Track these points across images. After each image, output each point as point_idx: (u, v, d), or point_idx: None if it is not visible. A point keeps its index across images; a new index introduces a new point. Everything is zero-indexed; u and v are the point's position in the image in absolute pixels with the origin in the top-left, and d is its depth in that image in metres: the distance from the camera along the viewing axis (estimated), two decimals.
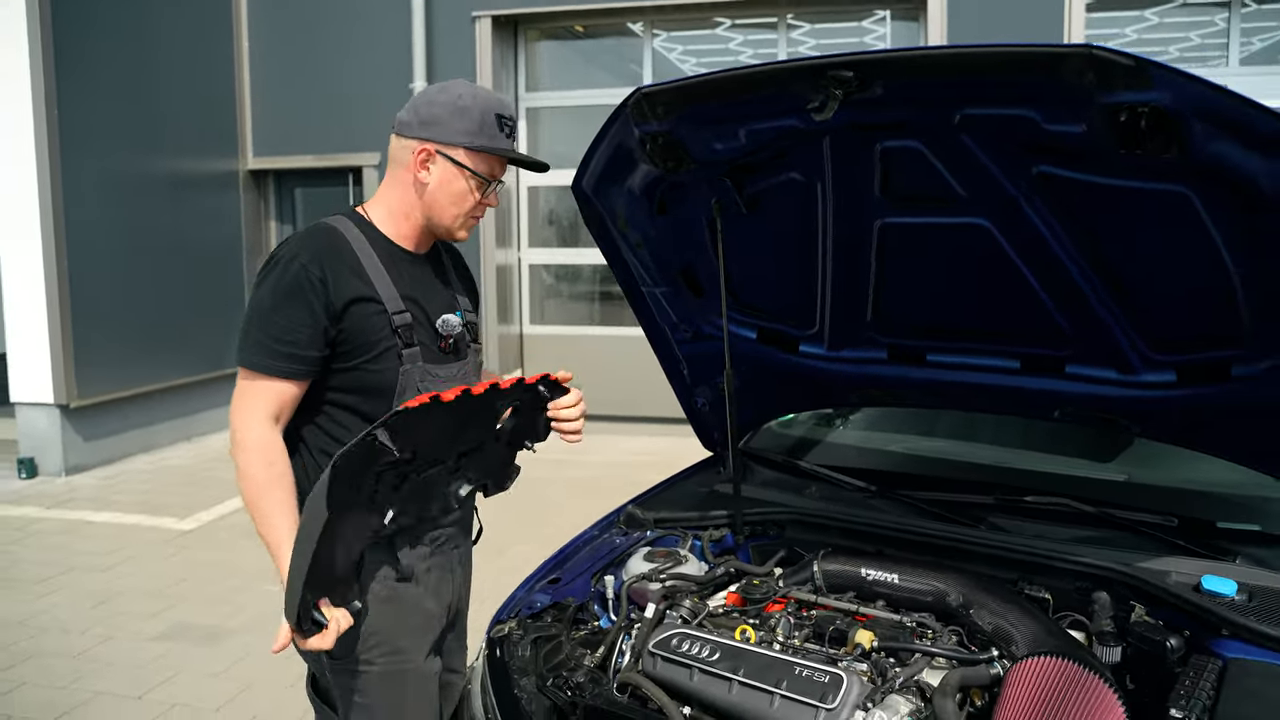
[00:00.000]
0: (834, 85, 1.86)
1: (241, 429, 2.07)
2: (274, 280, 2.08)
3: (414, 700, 2.25)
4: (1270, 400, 2.11)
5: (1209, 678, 1.89)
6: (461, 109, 2.13)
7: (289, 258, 2.08)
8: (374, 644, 2.18)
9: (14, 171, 7.67)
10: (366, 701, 2.20)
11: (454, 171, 2.16)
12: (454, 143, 2.14)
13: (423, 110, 2.16)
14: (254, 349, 2.07)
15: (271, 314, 2.07)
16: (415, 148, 2.16)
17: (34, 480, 7.74)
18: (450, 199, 2.19)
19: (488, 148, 2.16)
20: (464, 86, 2.18)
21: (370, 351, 2.13)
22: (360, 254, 2.14)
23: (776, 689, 2.01)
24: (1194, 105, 1.63)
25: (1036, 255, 2.14)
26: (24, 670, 4.34)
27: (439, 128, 2.14)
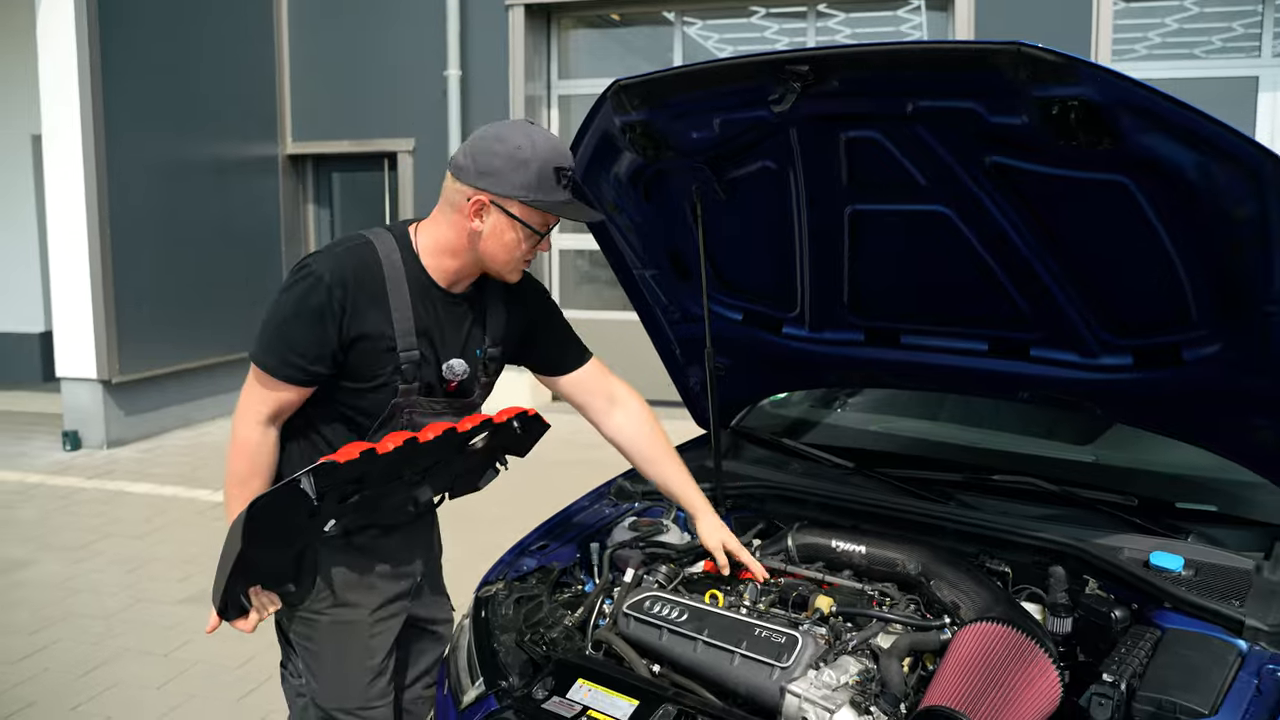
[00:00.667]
0: (792, 79, 1.97)
1: (241, 425, 2.21)
2: (300, 293, 2.13)
3: (357, 648, 2.39)
4: (1218, 382, 2.20)
5: (1145, 646, 1.99)
6: (521, 161, 2.10)
7: (317, 278, 2.12)
8: (324, 596, 2.34)
9: (62, 156, 7.96)
10: (315, 647, 2.37)
11: (507, 223, 2.15)
12: (510, 195, 2.12)
13: (481, 160, 2.12)
14: (267, 350, 2.17)
15: (288, 324, 2.15)
16: (470, 194, 2.14)
17: (77, 452, 8.03)
18: (502, 247, 2.19)
19: (543, 203, 2.13)
20: (524, 135, 2.13)
21: (370, 381, 2.22)
22: (390, 281, 2.18)
23: (737, 649, 2.15)
24: (1119, 99, 1.73)
25: (995, 242, 2.24)
26: (60, 629, 4.58)
27: (495, 179, 2.11)
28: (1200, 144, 1.74)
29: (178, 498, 6.76)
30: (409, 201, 9.75)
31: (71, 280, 8.06)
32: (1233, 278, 1.96)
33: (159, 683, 4.05)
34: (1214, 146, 1.73)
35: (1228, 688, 1.84)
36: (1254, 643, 1.97)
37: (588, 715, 2.07)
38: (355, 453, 2.04)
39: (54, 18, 7.80)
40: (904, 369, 2.74)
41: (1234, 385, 2.18)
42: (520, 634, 2.37)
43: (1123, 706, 1.84)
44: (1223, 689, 1.83)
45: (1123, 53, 8.47)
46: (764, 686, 2.08)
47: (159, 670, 4.16)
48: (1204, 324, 2.13)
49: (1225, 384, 2.20)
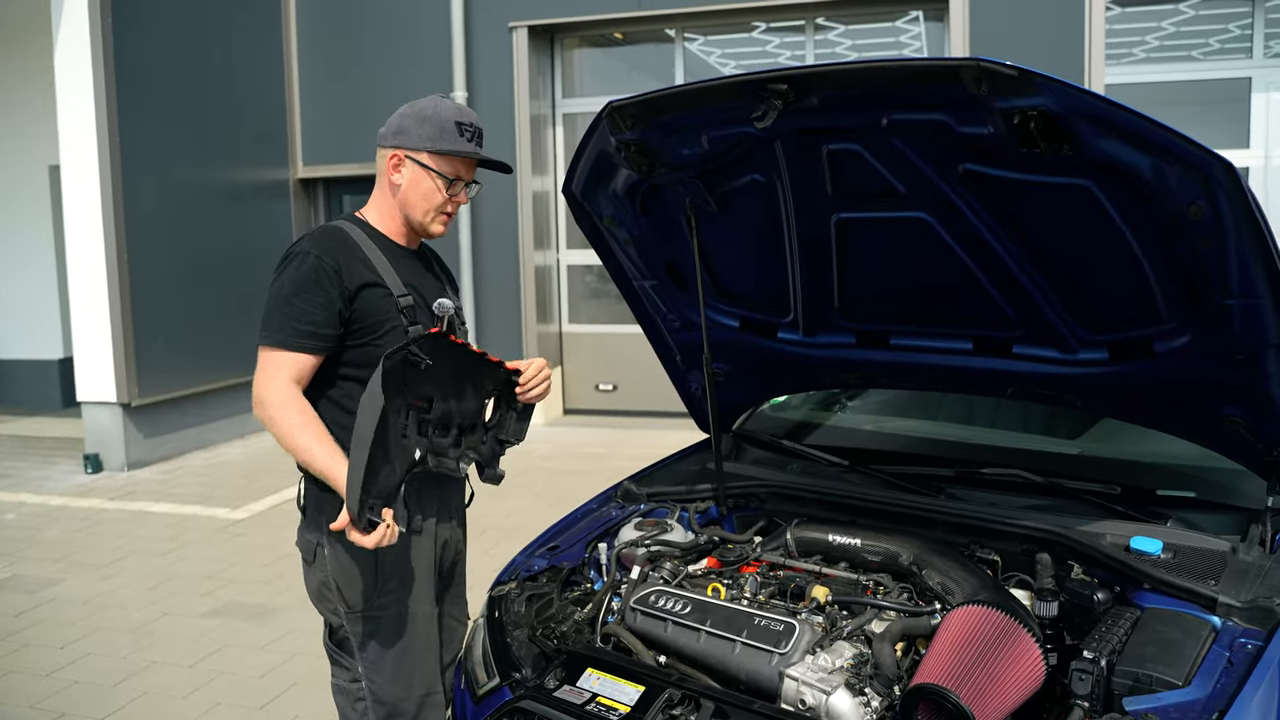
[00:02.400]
0: (773, 97, 2.10)
1: (266, 389, 2.34)
2: (292, 271, 2.37)
3: (421, 642, 2.53)
4: (1189, 374, 2.31)
5: (1124, 624, 2.10)
6: (425, 118, 2.45)
7: (304, 252, 2.37)
8: (390, 589, 2.47)
9: (80, 185, 8.15)
10: (380, 644, 2.48)
11: (420, 173, 2.47)
12: (417, 147, 2.46)
13: (394, 123, 2.49)
14: (276, 330, 2.35)
15: (291, 299, 2.35)
16: (388, 155, 2.48)
17: (99, 475, 8.19)
18: (420, 196, 2.50)
19: (447, 150, 2.46)
20: (430, 101, 2.49)
21: (378, 330, 2.42)
22: (364, 248, 2.45)
23: (738, 637, 2.26)
24: (1074, 108, 1.85)
25: (974, 245, 2.36)
26: (89, 643, 4.71)
27: (405, 135, 2.46)
28: (1153, 148, 1.87)
29: (198, 516, 6.90)
30: None
31: (91, 306, 8.23)
32: (1193, 273, 2.08)
33: (185, 692, 4.17)
34: (1165, 150, 1.85)
35: (1201, 660, 1.95)
36: (1227, 619, 2.07)
37: (597, 701, 2.19)
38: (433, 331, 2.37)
39: (71, 50, 8.00)
40: (894, 369, 2.86)
41: (1204, 376, 2.29)
42: (532, 629, 2.49)
43: (1103, 680, 1.95)
44: (1196, 661, 1.94)
45: (1120, 56, 8.58)
46: (764, 672, 2.20)
47: (185, 681, 4.29)
48: (1172, 318, 2.24)
49: (1196, 375, 2.31)
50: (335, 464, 2.28)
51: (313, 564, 2.51)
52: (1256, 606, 2.06)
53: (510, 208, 9.61)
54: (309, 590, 2.58)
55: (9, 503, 7.40)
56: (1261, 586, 2.12)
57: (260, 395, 2.35)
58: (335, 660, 2.60)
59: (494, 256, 9.74)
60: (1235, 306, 2.06)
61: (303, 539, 2.54)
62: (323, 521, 2.41)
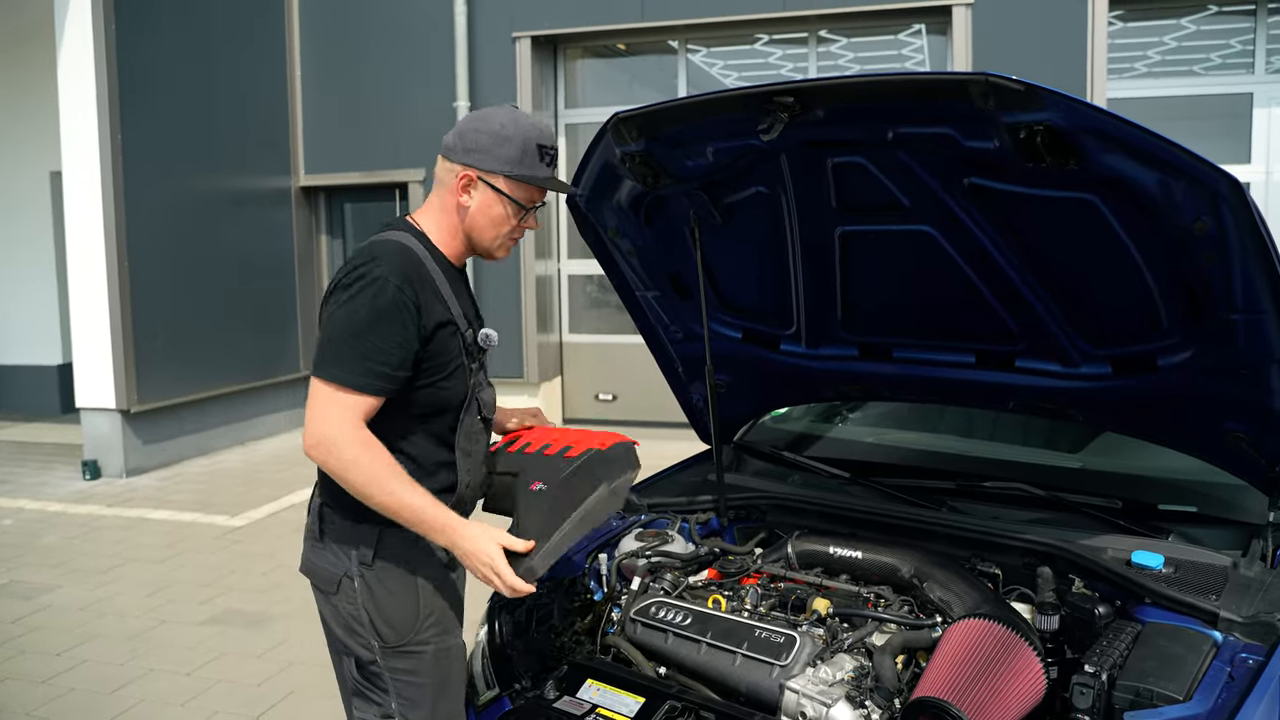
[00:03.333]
0: (779, 109, 2.11)
1: (337, 431, 2.08)
2: (369, 298, 2.10)
3: (457, 675, 2.37)
4: (1192, 388, 2.32)
5: (1125, 638, 2.09)
6: (504, 138, 2.20)
7: (382, 279, 2.11)
8: (430, 624, 2.28)
9: (81, 192, 8.15)
10: (421, 680, 2.27)
11: (493, 197, 2.24)
12: (494, 170, 2.22)
13: (468, 137, 2.23)
14: (346, 365, 2.09)
15: (367, 332, 2.10)
16: (459, 172, 2.23)
17: (97, 481, 8.18)
18: (489, 222, 2.27)
19: (526, 176, 2.23)
20: (507, 115, 2.24)
21: (444, 370, 2.22)
22: (435, 277, 2.22)
23: (738, 649, 2.27)
24: (1081, 124, 1.86)
25: (978, 259, 2.36)
26: (85, 649, 4.70)
27: (481, 155, 2.21)
28: (1159, 163, 1.87)
29: (196, 523, 6.89)
30: None
31: (91, 312, 8.23)
32: (1197, 288, 2.08)
33: (182, 700, 4.16)
34: (1172, 165, 1.86)
35: (1202, 675, 1.95)
36: (1228, 634, 2.07)
37: (597, 713, 2.19)
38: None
39: (73, 57, 8.02)
40: (897, 382, 2.86)
41: (1206, 391, 2.30)
42: (532, 640, 2.49)
43: (1104, 695, 1.95)
44: (1198, 676, 1.94)
45: (1122, 70, 8.60)
46: (764, 684, 2.20)
47: (182, 688, 4.27)
48: (1175, 333, 2.25)
49: (1198, 390, 2.31)
50: (436, 508, 2.12)
51: (334, 594, 2.27)
52: (1258, 621, 2.06)
53: None
54: (331, 621, 2.33)
55: (7, 509, 7.39)
56: (1263, 601, 2.12)
57: (327, 436, 2.08)
58: (364, 694, 2.33)
59: (494, 266, 9.73)
60: (1239, 321, 2.07)
61: (321, 569, 2.30)
62: (352, 554, 2.23)
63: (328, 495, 2.28)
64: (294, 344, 10.24)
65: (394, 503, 2.10)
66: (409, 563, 2.25)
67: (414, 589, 2.26)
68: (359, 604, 2.24)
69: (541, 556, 2.12)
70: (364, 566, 2.23)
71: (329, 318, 2.15)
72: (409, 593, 2.26)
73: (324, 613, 2.34)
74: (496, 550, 2.11)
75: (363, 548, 2.22)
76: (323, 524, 2.30)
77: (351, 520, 2.23)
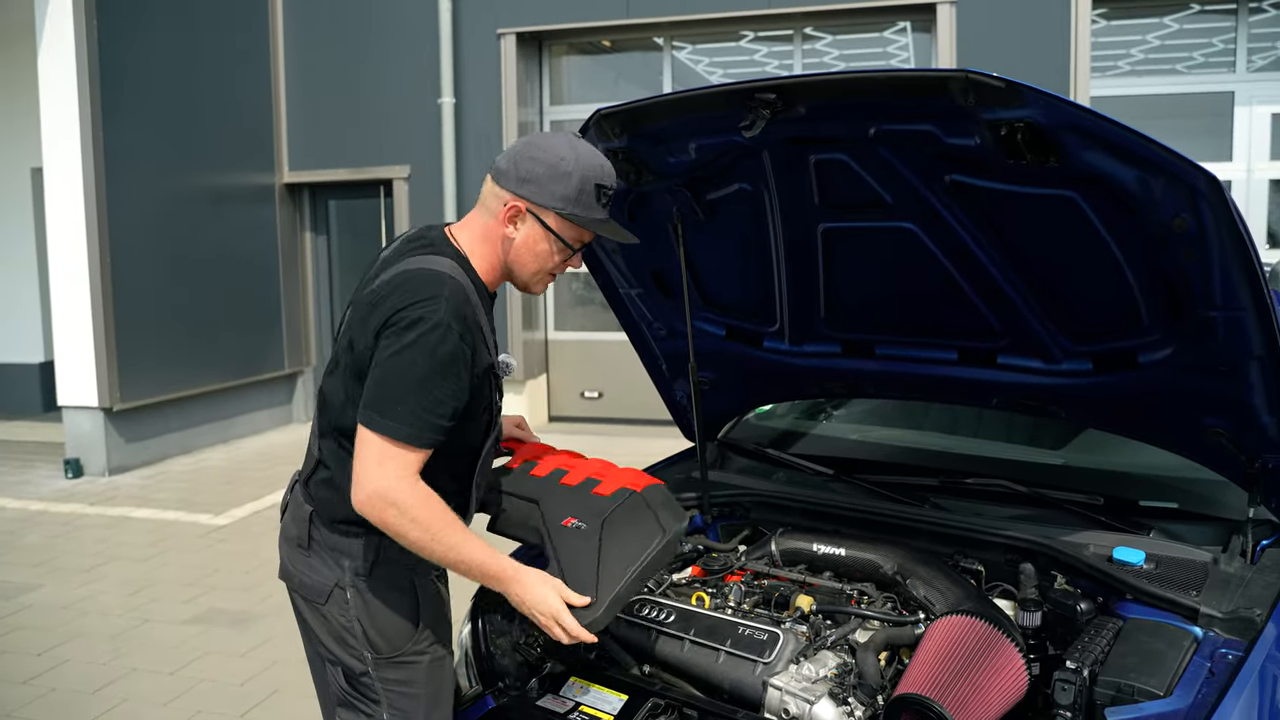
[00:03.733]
0: (761, 106, 2.10)
1: (400, 492, 1.98)
2: (430, 346, 1.97)
3: (449, 684, 2.33)
4: (1172, 385, 2.32)
5: (1107, 634, 2.10)
6: (563, 173, 2.06)
7: (445, 324, 1.98)
8: (425, 635, 2.23)
9: (62, 188, 8.10)
10: (415, 691, 2.22)
11: (541, 233, 2.12)
12: (547, 206, 2.09)
13: (522, 165, 2.09)
14: (405, 419, 1.97)
15: (427, 384, 1.97)
16: (507, 201, 2.10)
17: (79, 480, 8.13)
18: (533, 257, 2.16)
19: (579, 218, 2.10)
20: (568, 146, 2.09)
21: (476, 411, 2.14)
22: (478, 311, 2.10)
23: (722, 646, 2.27)
24: (1061, 121, 1.86)
25: (959, 255, 2.37)
26: (67, 649, 4.68)
27: (534, 187, 2.08)
28: (1138, 160, 1.88)
29: (180, 522, 6.86)
30: (405, 228, 9.87)
31: (72, 309, 8.18)
32: (1177, 285, 2.09)
33: (165, 700, 4.14)
34: (1151, 163, 1.86)
35: (1183, 670, 1.96)
36: (1208, 629, 2.08)
37: (580, 711, 2.19)
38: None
39: (55, 51, 7.96)
40: (880, 378, 2.86)
41: (1186, 387, 2.30)
42: (515, 638, 2.48)
43: (1085, 690, 1.96)
44: (1178, 672, 1.95)
45: (1106, 69, 8.64)
46: (747, 681, 2.20)
47: (165, 688, 4.25)
48: (1155, 330, 2.25)
49: (1178, 386, 2.32)
50: (496, 559, 2.06)
51: (324, 605, 2.19)
52: (1237, 617, 2.07)
53: None
54: (318, 630, 2.24)
55: None
56: (1242, 597, 2.14)
57: (386, 492, 1.97)
58: (352, 704, 2.25)
59: None
60: (1218, 318, 2.07)
61: (308, 578, 2.22)
62: (346, 564, 2.16)
63: (318, 503, 2.21)
64: (278, 342, 10.20)
65: (454, 556, 2.03)
66: (407, 575, 2.19)
67: (411, 601, 2.20)
68: (351, 616, 2.17)
69: (606, 610, 2.07)
70: (359, 578, 2.15)
71: (384, 362, 1.99)
72: (406, 605, 2.19)
73: (309, 620, 2.26)
74: (559, 603, 2.05)
75: (358, 559, 2.15)
76: (312, 531, 2.21)
77: (344, 531, 2.17)
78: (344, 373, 2.13)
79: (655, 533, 2.17)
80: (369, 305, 2.07)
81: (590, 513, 2.20)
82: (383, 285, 2.08)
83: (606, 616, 2.07)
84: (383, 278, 2.10)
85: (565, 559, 2.15)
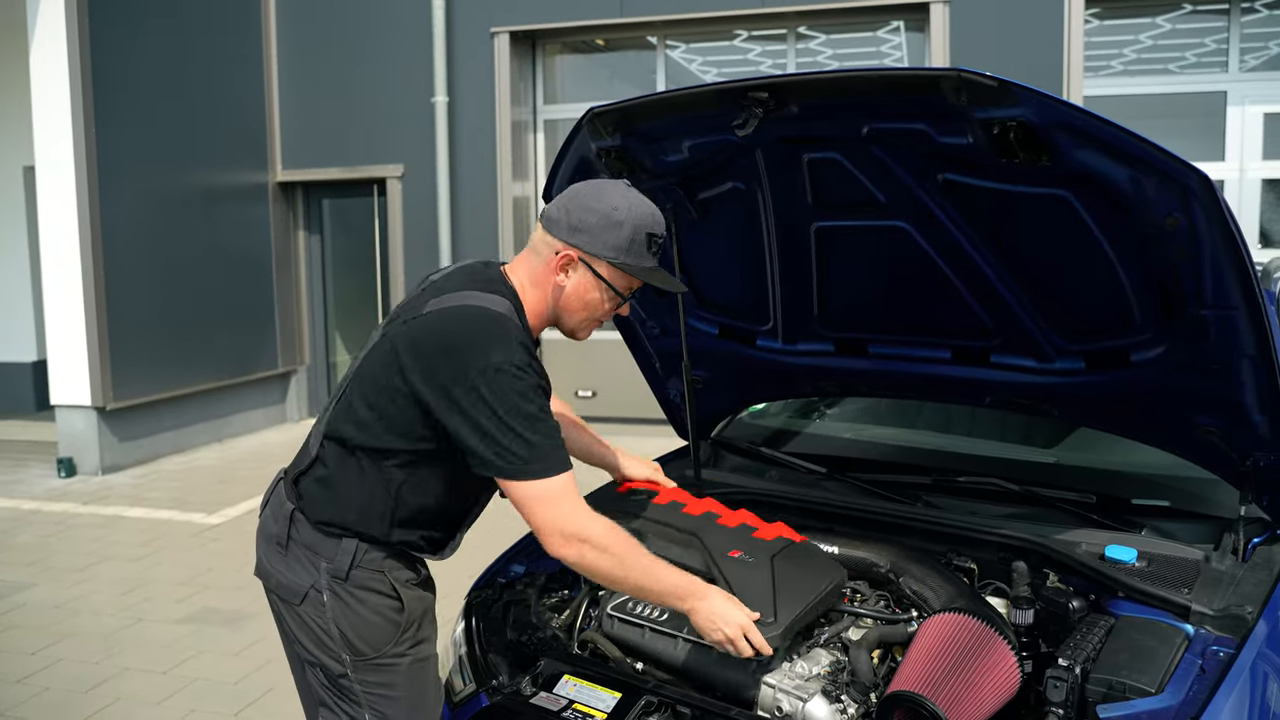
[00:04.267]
0: (754, 105, 2.11)
1: (585, 525, 2.03)
2: (522, 388, 2.00)
3: (434, 685, 2.32)
4: (1164, 384, 2.33)
5: (1098, 632, 2.11)
6: (616, 222, 2.09)
7: (520, 364, 2.01)
8: (407, 638, 2.21)
9: (55, 186, 8.07)
10: (396, 693, 2.21)
11: (592, 281, 2.15)
12: (599, 255, 2.11)
13: (575, 214, 2.11)
14: (543, 457, 2.01)
15: (539, 418, 2.01)
16: (559, 248, 2.12)
17: (72, 479, 8.11)
18: (582, 305, 2.19)
19: (631, 267, 2.12)
20: (621, 196, 2.11)
21: None
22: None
23: None
24: (1053, 120, 1.87)
25: (952, 254, 2.38)
26: (60, 648, 4.67)
27: (587, 236, 2.10)
28: (1131, 159, 1.88)
29: (173, 521, 6.84)
30: (398, 227, 9.86)
31: (65, 308, 8.16)
32: (1169, 284, 2.10)
33: (158, 699, 4.13)
34: (1143, 161, 1.87)
35: (1174, 668, 1.97)
36: (1199, 626, 2.09)
37: (573, 708, 2.18)
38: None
39: (48, 49, 7.93)
40: (873, 377, 2.87)
41: (1178, 386, 2.31)
42: (509, 635, 2.48)
43: (1077, 688, 1.96)
44: (1169, 669, 1.96)
45: (1099, 69, 8.65)
46: (741, 679, 2.20)
47: (158, 687, 4.25)
48: (1148, 328, 2.26)
49: (1171, 385, 2.33)
50: (682, 576, 2.12)
51: (299, 605, 2.18)
52: (1228, 614, 2.08)
53: (490, 213, 9.59)
54: (295, 630, 2.22)
55: None
56: (1234, 595, 2.15)
57: (581, 532, 2.02)
58: (332, 706, 2.24)
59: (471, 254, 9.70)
60: (1210, 317, 2.08)
61: (285, 577, 2.21)
62: (323, 566, 2.15)
63: (304, 502, 2.21)
64: (271, 341, 10.18)
65: (648, 579, 2.09)
66: (386, 579, 2.17)
67: (390, 606, 2.17)
68: (328, 618, 2.15)
69: (785, 630, 2.15)
70: (336, 580, 2.14)
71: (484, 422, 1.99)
72: (385, 609, 2.17)
73: (286, 620, 2.24)
74: (746, 618, 2.10)
75: (336, 561, 2.14)
76: (291, 529, 2.21)
77: (325, 532, 2.16)
78: (374, 386, 2.13)
79: (830, 572, 2.33)
80: (425, 333, 2.07)
81: (756, 550, 2.37)
82: (438, 317, 2.08)
83: (784, 637, 2.14)
84: (436, 306, 2.10)
85: (735, 584, 2.23)
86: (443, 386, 2.00)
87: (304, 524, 2.19)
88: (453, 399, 1.99)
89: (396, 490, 2.14)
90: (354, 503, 2.15)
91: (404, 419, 2.09)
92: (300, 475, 2.24)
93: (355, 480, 2.15)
